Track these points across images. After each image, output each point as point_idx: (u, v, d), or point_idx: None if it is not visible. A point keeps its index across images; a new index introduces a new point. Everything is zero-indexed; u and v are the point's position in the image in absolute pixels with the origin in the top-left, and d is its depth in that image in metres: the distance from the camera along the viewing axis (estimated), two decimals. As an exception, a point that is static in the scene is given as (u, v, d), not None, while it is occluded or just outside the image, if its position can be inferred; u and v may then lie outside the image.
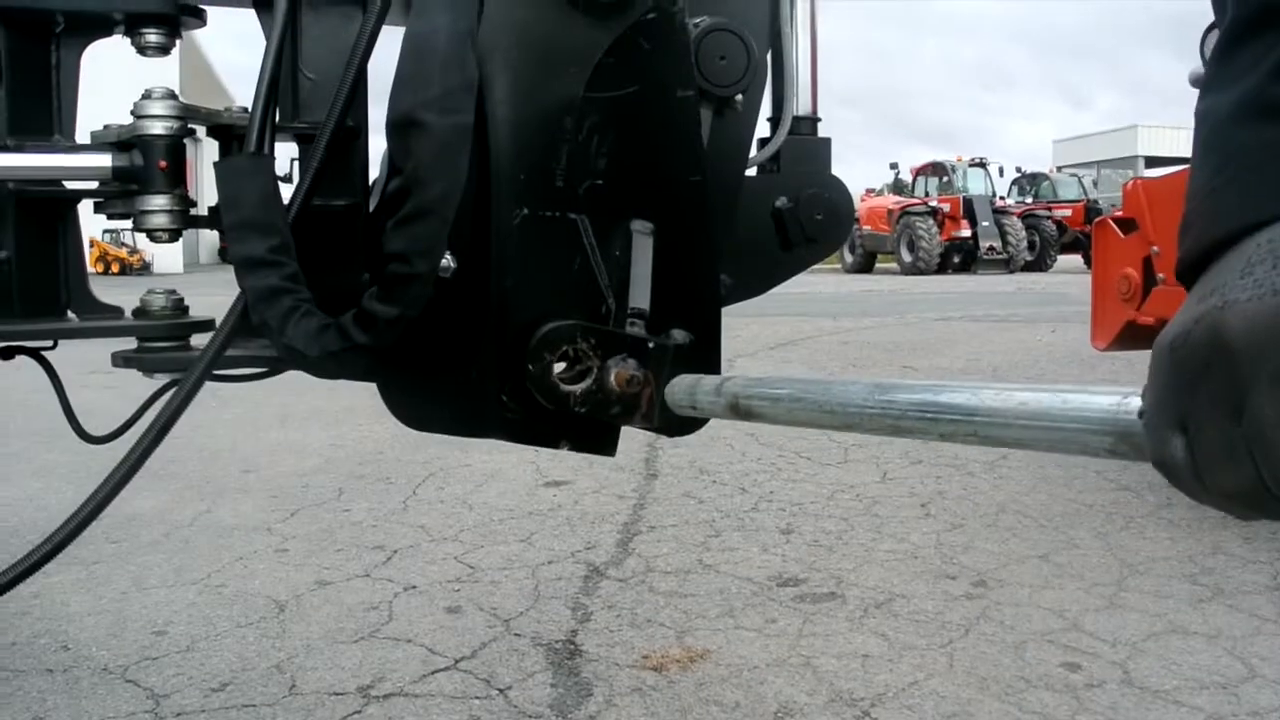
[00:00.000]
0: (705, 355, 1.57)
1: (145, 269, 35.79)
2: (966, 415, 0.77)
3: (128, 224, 1.71)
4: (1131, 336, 4.49)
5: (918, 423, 0.81)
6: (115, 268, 35.83)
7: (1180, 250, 0.65)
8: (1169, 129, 55.33)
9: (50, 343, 1.81)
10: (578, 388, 1.49)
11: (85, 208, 1.82)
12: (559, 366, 1.51)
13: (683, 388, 1.43)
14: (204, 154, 1.84)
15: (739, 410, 1.18)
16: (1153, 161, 44.34)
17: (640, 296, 1.53)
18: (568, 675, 2.69)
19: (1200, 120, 0.67)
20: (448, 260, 1.44)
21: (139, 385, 1.74)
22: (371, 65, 1.61)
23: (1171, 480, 0.62)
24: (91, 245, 34.92)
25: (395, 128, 1.46)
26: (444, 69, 1.43)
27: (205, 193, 1.69)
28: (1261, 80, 0.63)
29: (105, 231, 35.49)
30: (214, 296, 1.56)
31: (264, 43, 1.60)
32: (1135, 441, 0.65)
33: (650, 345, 1.51)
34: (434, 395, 1.62)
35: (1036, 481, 4.65)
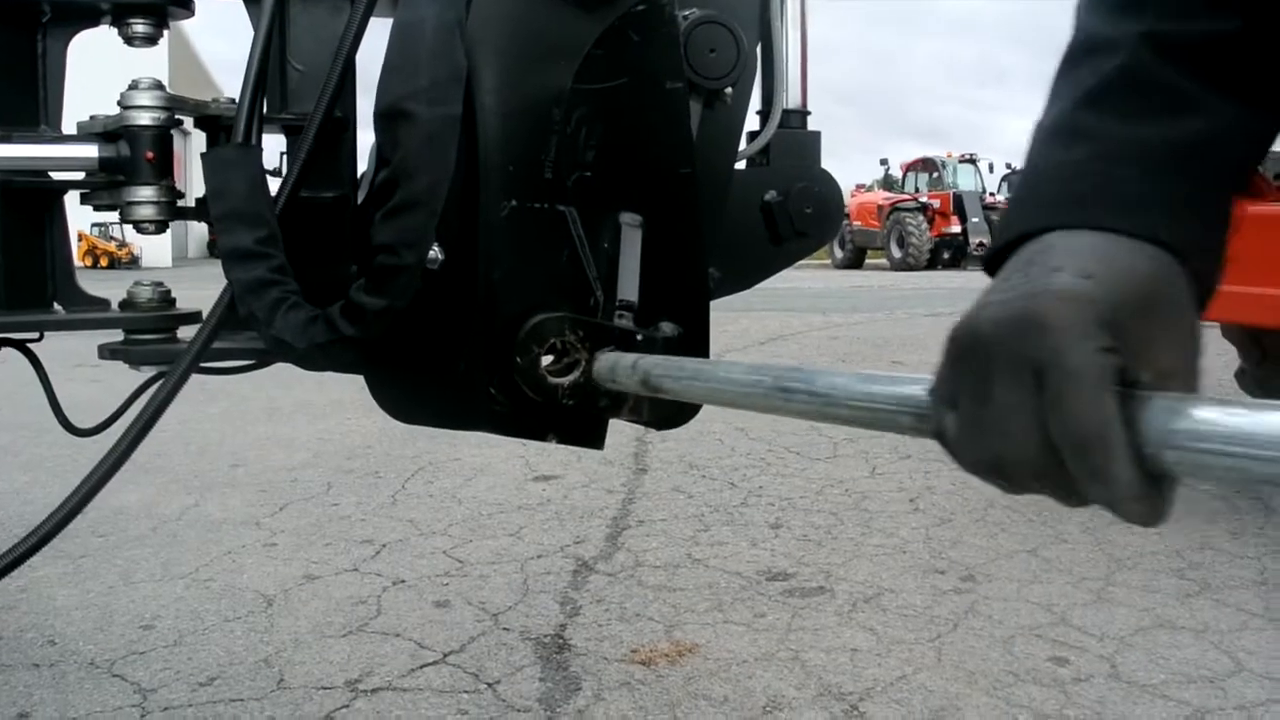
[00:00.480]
0: (694, 348, 1.57)
1: (134, 263, 35.62)
2: (813, 396, 0.85)
3: (116, 217, 1.70)
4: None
5: (778, 401, 0.89)
6: (104, 261, 35.65)
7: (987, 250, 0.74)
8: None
9: (36, 335, 1.80)
10: (565, 380, 1.49)
11: (73, 201, 1.81)
12: (547, 359, 1.50)
13: (605, 364, 1.43)
14: (193, 147, 1.83)
15: (649, 385, 1.24)
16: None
17: (629, 289, 1.52)
18: (556, 669, 2.69)
19: (1031, 133, 0.76)
20: (436, 252, 1.44)
21: (126, 378, 1.73)
22: (360, 57, 1.60)
23: (945, 451, 0.69)
24: (80, 239, 34.76)
25: (383, 119, 1.46)
26: (432, 60, 1.42)
27: (195, 185, 1.68)
28: (1068, 106, 0.72)
29: (94, 225, 35.34)
30: (203, 290, 1.56)
31: (252, 34, 1.59)
32: (926, 418, 0.72)
33: (638, 338, 1.50)
34: (421, 388, 1.61)
35: (1025, 476, 4.65)
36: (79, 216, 2.06)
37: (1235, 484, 0.61)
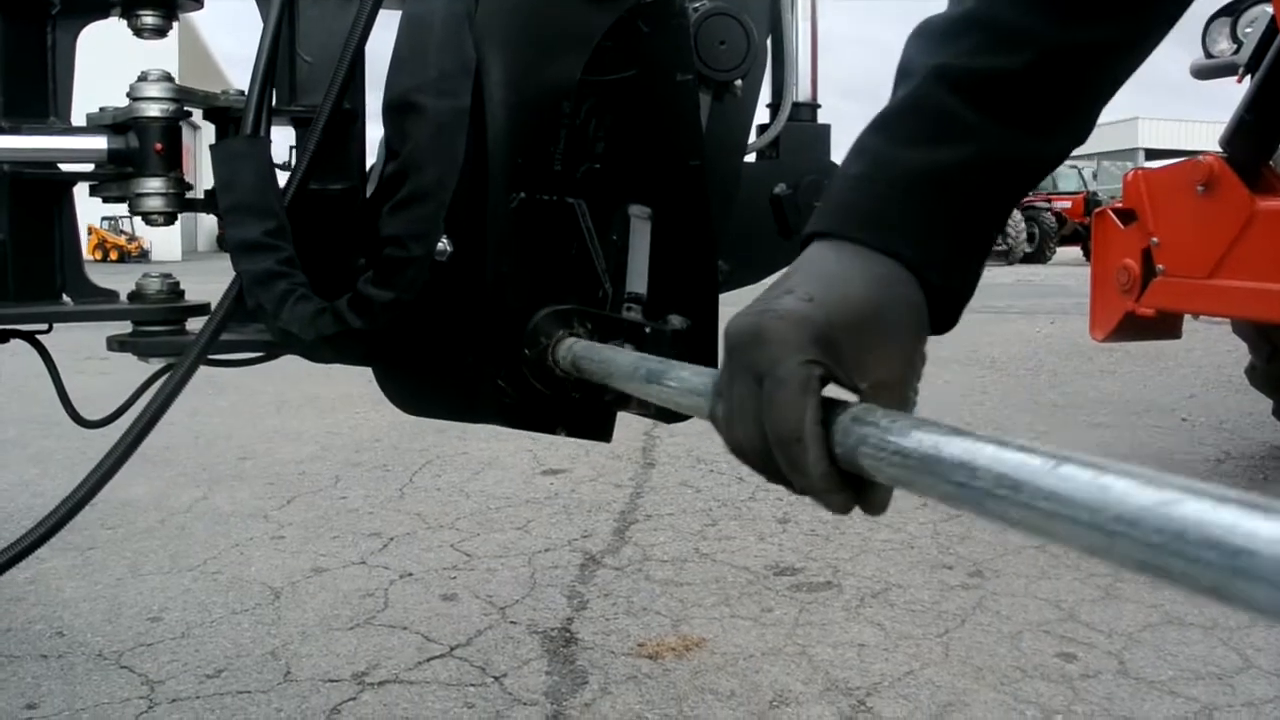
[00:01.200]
0: (703, 341, 1.57)
1: (144, 256, 35.70)
2: (659, 382, 0.98)
3: (126, 210, 1.70)
4: (1130, 327, 4.48)
5: (644, 386, 1.03)
6: (114, 255, 35.73)
7: None
8: (1170, 121, 55.27)
9: (45, 326, 1.81)
10: (591, 378, 1.49)
11: (83, 195, 1.82)
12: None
13: (563, 349, 1.44)
14: (204, 140, 1.84)
15: (578, 368, 1.35)
16: (1153, 154, 44.33)
17: (637, 281, 1.52)
18: (563, 663, 2.69)
19: None
20: (444, 244, 1.44)
21: (135, 371, 1.73)
22: (371, 50, 1.60)
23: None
24: (90, 232, 34.84)
25: (392, 110, 1.46)
26: (441, 52, 1.42)
27: (205, 178, 1.68)
28: (867, 127, 0.81)
29: (104, 218, 35.43)
30: (212, 284, 1.56)
31: (261, 27, 1.59)
32: (708, 405, 0.83)
33: (647, 330, 1.50)
34: (429, 380, 1.61)
35: (1034, 472, 4.64)
36: (89, 210, 2.06)
37: (913, 491, 0.67)
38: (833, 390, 0.73)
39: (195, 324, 1.68)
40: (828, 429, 0.69)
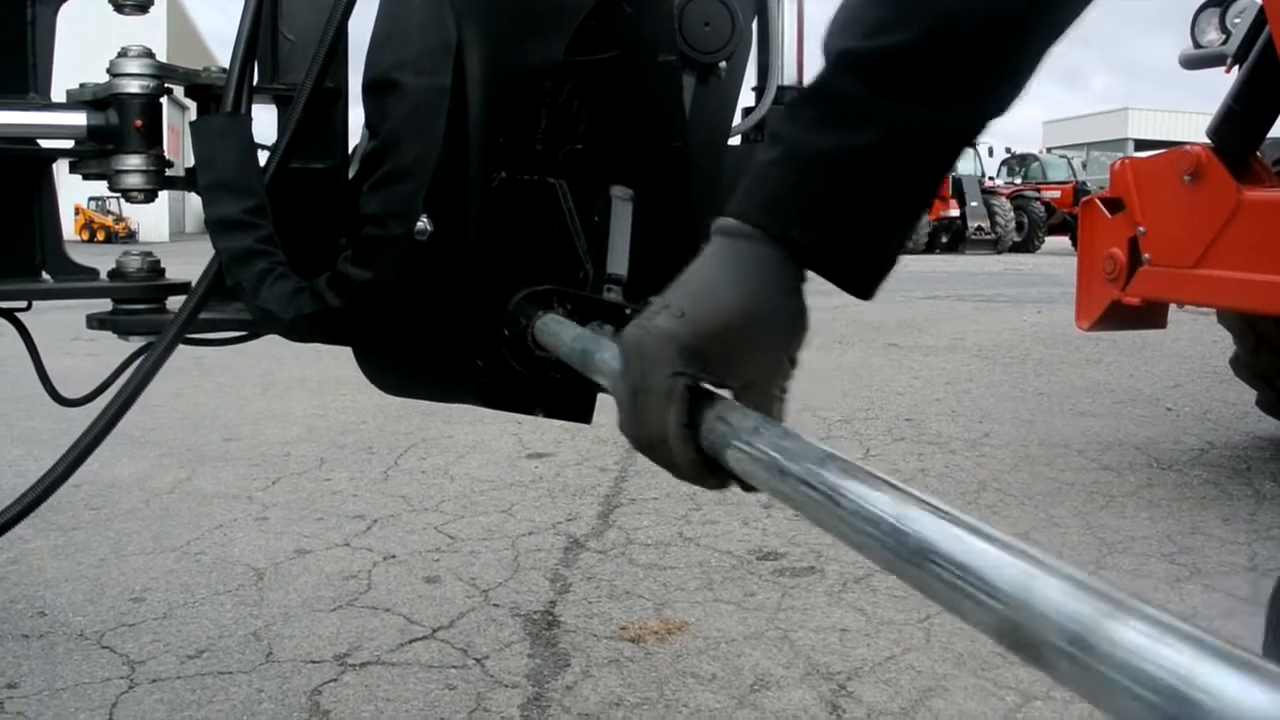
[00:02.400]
0: None
1: (130, 236, 35.50)
2: (589, 362, 1.06)
3: (113, 192, 1.69)
4: (1116, 317, 4.49)
5: (580, 362, 1.13)
6: (101, 235, 35.57)
7: None
8: (1160, 112, 55.35)
9: (24, 303, 1.80)
10: (552, 354, 1.48)
11: (72, 175, 1.80)
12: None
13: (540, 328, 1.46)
14: (189, 119, 1.82)
15: (538, 344, 1.44)
16: (1143, 145, 44.36)
17: (618, 263, 1.52)
18: (545, 646, 2.69)
19: None
20: (424, 223, 1.43)
21: (122, 351, 1.72)
22: (354, 28, 1.59)
23: None
24: (77, 212, 34.68)
25: (371, 89, 1.45)
26: (421, 29, 1.41)
27: (190, 156, 1.67)
28: (783, 114, 0.87)
29: (91, 198, 35.24)
30: (198, 264, 1.55)
31: (243, 3, 1.58)
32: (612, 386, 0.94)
33: (627, 312, 1.49)
34: (409, 359, 1.60)
35: (1018, 460, 4.66)
36: (76, 190, 2.05)
37: (752, 483, 0.75)
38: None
39: (175, 302, 1.68)
40: (695, 427, 0.79)
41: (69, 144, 1.69)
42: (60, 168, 1.79)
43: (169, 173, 1.67)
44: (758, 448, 0.72)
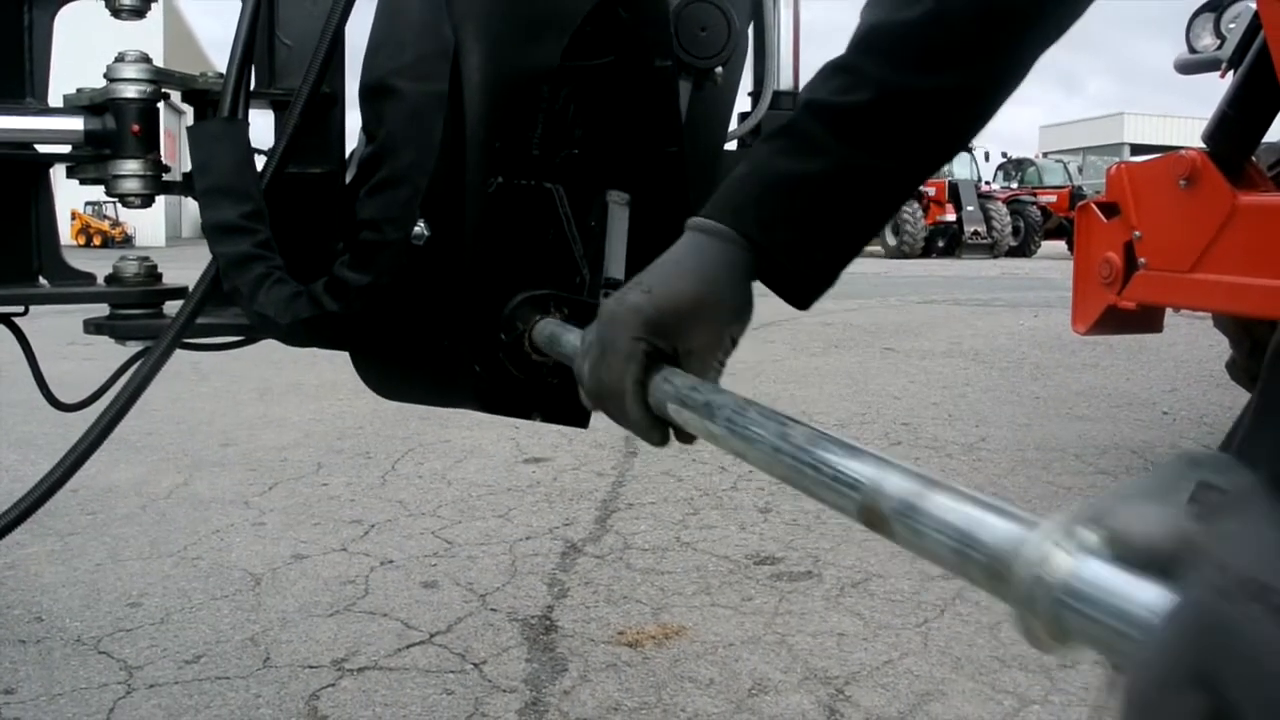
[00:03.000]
0: None
1: (128, 241, 35.48)
2: (558, 342, 1.28)
3: (110, 197, 1.69)
4: (1112, 321, 4.49)
5: (554, 348, 1.34)
6: (98, 240, 35.54)
7: None
8: (1155, 116, 55.47)
9: (21, 308, 1.80)
10: (550, 358, 1.48)
11: (70, 180, 1.80)
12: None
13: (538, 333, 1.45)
14: (187, 124, 1.83)
15: (534, 347, 1.49)
16: (1138, 149, 44.41)
17: (615, 268, 1.52)
18: (543, 650, 2.69)
19: None
20: (421, 228, 1.43)
21: (119, 356, 1.72)
22: (351, 34, 1.59)
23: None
24: (74, 218, 34.65)
25: (368, 94, 1.45)
26: (419, 35, 1.42)
27: (187, 162, 1.67)
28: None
29: (88, 204, 35.24)
30: (196, 270, 1.55)
31: (240, 8, 1.58)
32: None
33: None
34: (406, 364, 1.61)
35: (1015, 464, 4.66)
36: (73, 195, 2.05)
37: (690, 430, 0.85)
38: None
39: (172, 307, 1.68)
40: (644, 386, 0.95)
41: (66, 149, 1.69)
42: (57, 173, 1.79)
43: (166, 178, 1.68)
44: (693, 400, 0.89)
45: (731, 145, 1.87)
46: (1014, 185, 34.64)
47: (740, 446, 0.82)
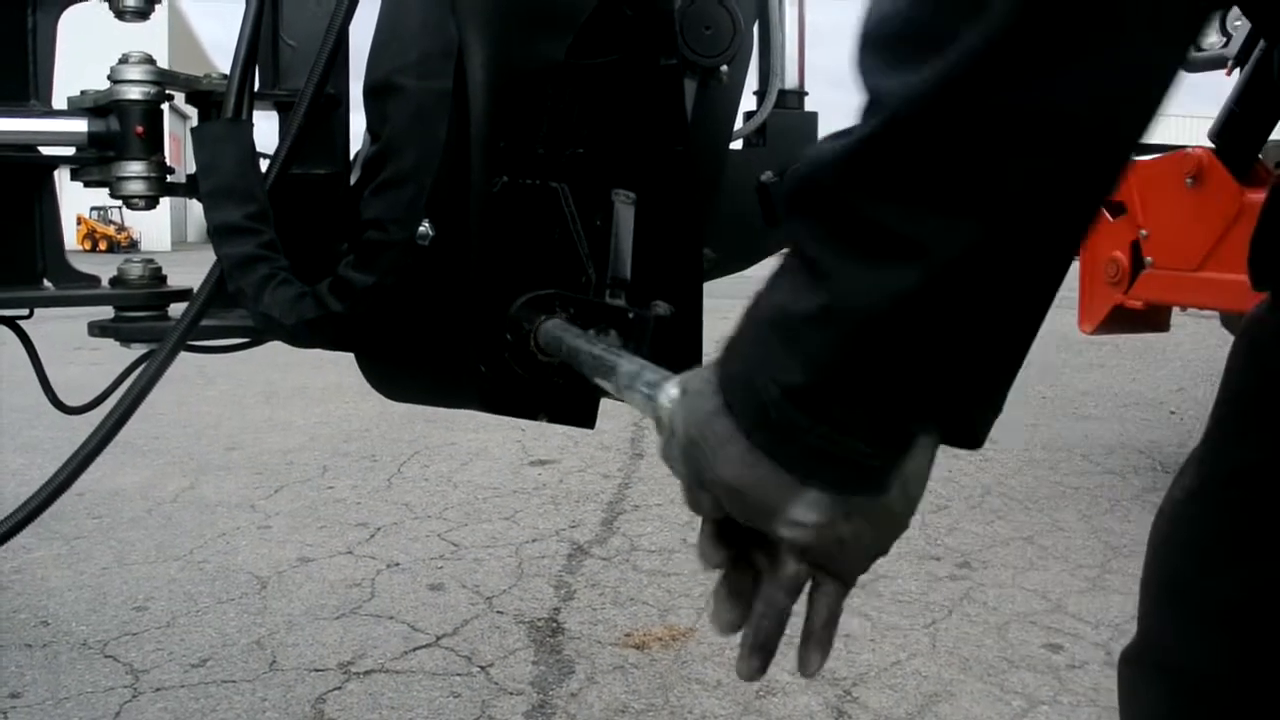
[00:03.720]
0: (686, 328, 1.55)
1: (133, 246, 35.49)
2: (612, 375, 1.11)
3: (115, 201, 1.69)
4: (1119, 320, 4.48)
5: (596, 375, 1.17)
6: (103, 245, 35.54)
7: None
8: (1161, 115, 55.35)
9: (25, 311, 1.79)
10: (556, 358, 1.47)
11: (76, 186, 1.80)
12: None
13: (544, 333, 1.43)
14: (191, 127, 1.82)
15: (542, 348, 1.44)
16: (1144, 148, 44.24)
17: (621, 267, 1.50)
18: (549, 653, 2.68)
19: None
20: (426, 228, 1.42)
21: (124, 359, 1.72)
22: (356, 36, 1.58)
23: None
24: (79, 222, 34.68)
25: (372, 93, 1.44)
26: (422, 33, 1.41)
27: (191, 165, 1.66)
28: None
29: (93, 208, 35.25)
30: (200, 273, 1.55)
31: (244, 9, 1.58)
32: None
33: (630, 316, 1.49)
34: (410, 365, 1.60)
35: (1022, 464, 4.65)
36: (78, 200, 2.05)
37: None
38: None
39: (177, 310, 1.67)
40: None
41: (70, 151, 1.69)
42: (62, 177, 1.79)
43: (170, 179, 1.67)
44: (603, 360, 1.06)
45: (737, 144, 1.86)
46: (1019, 186, 34.61)
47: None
